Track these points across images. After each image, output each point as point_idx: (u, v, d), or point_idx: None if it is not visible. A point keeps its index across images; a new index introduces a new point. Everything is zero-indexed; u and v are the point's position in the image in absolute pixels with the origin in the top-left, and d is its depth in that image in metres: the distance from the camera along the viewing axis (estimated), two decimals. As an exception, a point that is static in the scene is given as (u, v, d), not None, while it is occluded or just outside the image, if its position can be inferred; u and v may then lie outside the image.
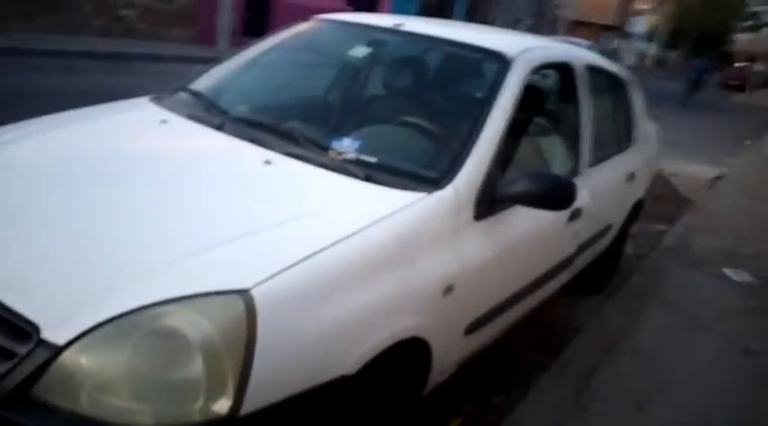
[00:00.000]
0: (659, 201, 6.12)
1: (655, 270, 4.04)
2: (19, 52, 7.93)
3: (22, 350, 1.18)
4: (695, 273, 4.06)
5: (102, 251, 1.37)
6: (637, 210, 3.75)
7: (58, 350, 1.17)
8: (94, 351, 1.19)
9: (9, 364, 1.17)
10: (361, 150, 1.86)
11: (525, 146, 2.35)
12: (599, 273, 3.59)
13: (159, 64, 9.20)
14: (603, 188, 2.87)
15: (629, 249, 4.35)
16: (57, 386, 1.17)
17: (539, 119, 2.55)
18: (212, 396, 1.18)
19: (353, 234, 1.49)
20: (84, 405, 1.16)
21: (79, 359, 1.18)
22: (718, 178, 7.79)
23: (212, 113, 2.11)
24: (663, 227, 5.28)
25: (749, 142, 11.52)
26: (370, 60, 2.62)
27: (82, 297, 1.25)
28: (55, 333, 1.19)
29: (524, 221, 2.07)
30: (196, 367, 1.18)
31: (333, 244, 1.43)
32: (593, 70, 2.94)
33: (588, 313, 3.36)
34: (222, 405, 1.19)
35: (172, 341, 1.20)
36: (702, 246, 4.63)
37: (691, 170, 7.92)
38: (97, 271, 1.31)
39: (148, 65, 9.11)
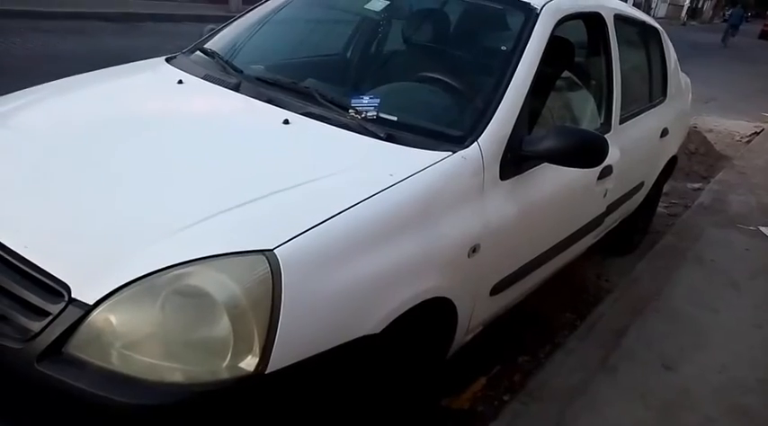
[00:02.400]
0: (694, 158, 5.94)
1: (688, 228, 3.93)
2: (31, 15, 7.96)
3: (54, 309, 1.21)
4: (730, 232, 3.94)
5: (126, 211, 1.38)
6: (670, 168, 3.63)
7: (88, 309, 1.19)
8: (123, 311, 1.21)
9: (43, 322, 1.20)
10: (380, 109, 1.81)
11: (553, 102, 2.27)
12: (630, 232, 3.51)
13: (171, 24, 9.18)
14: (635, 144, 2.77)
15: (661, 207, 4.25)
16: (88, 343, 1.20)
17: (567, 74, 2.45)
18: (239, 354, 1.19)
19: (375, 195, 1.46)
20: (116, 362, 1.19)
21: (109, 318, 1.20)
22: (755, 133, 7.50)
23: (228, 73, 2.07)
24: (697, 185, 5.13)
25: (790, 95, 11.04)
26: (389, 13, 2.53)
27: (109, 257, 1.26)
28: (85, 293, 1.21)
29: (552, 180, 2.01)
30: (223, 325, 1.19)
31: (354, 205, 1.41)
32: (624, 20, 2.80)
33: (619, 273, 3.30)
34: (249, 363, 1.20)
35: (198, 301, 1.21)
36: (738, 204, 4.48)
37: (727, 125, 7.64)
38: (123, 232, 1.32)
39: (161, 25, 9.09)
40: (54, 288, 1.23)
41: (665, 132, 3.23)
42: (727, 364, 2.46)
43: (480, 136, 1.76)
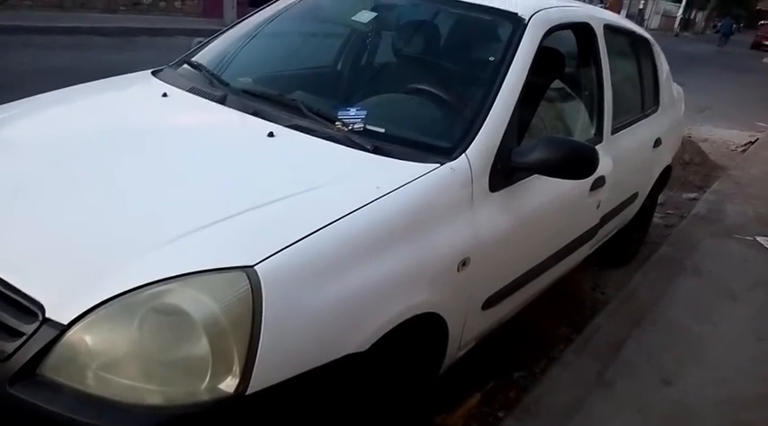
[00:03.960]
0: (689, 168, 5.93)
1: (684, 239, 3.90)
2: (25, 30, 8.00)
3: (28, 329, 1.17)
4: (727, 242, 3.91)
5: (103, 227, 1.35)
6: (664, 178, 3.61)
7: (63, 329, 1.16)
8: (98, 330, 1.17)
9: (16, 343, 1.16)
10: (367, 121, 1.79)
11: (543, 113, 2.25)
12: (626, 243, 3.48)
13: (165, 38, 9.23)
14: (628, 155, 2.75)
15: (657, 218, 4.23)
16: (63, 364, 1.16)
17: (557, 84, 2.44)
18: (219, 375, 1.16)
19: (360, 208, 1.43)
20: (92, 384, 1.15)
21: (84, 338, 1.16)
22: (750, 143, 7.50)
23: (214, 86, 2.05)
24: (693, 195, 5.11)
25: (784, 105, 11.07)
26: (376, 25, 2.51)
27: (85, 275, 1.23)
28: (59, 312, 1.17)
29: (543, 191, 1.98)
30: (201, 345, 1.15)
31: (339, 219, 1.37)
32: (614, 30, 2.79)
33: (615, 284, 3.27)
34: (229, 384, 1.16)
35: (175, 320, 1.18)
36: (734, 214, 4.46)
37: (721, 134, 7.65)
38: (99, 249, 1.29)
39: (155, 39, 9.13)
40: (28, 308, 1.19)
41: (658, 142, 3.21)
42: (728, 377, 2.41)
43: (468, 147, 1.73)
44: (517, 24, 2.06)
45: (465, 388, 2.23)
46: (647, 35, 3.37)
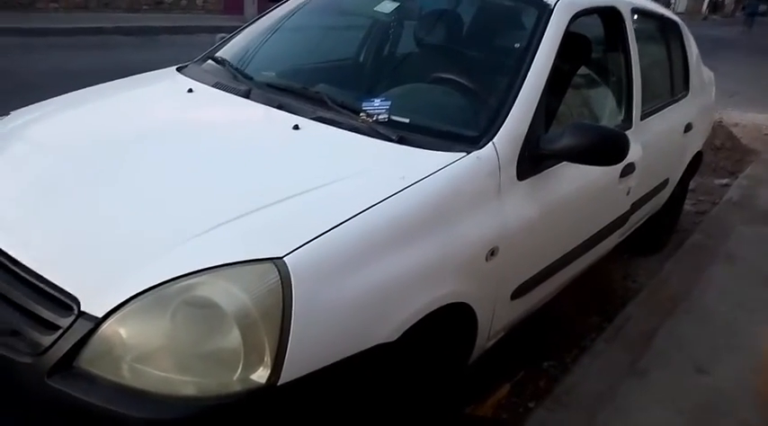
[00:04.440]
0: (720, 153, 5.79)
1: (717, 226, 3.81)
2: (52, 32, 8.18)
3: (64, 322, 1.20)
4: (761, 228, 3.81)
5: (134, 222, 1.37)
6: (696, 163, 3.53)
7: (98, 322, 1.18)
8: (132, 323, 1.19)
9: (53, 336, 1.19)
10: (392, 111, 1.78)
11: (571, 99, 2.21)
12: (657, 231, 3.42)
13: (188, 35, 9.32)
14: (658, 140, 2.69)
15: (688, 205, 4.14)
16: (99, 357, 1.18)
17: (585, 70, 2.39)
18: (251, 366, 1.17)
19: (387, 198, 1.42)
20: (127, 376, 1.17)
21: (118, 331, 1.18)
22: (783, 126, 7.28)
23: (238, 80, 2.06)
24: (725, 181, 4.99)
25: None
26: (399, 15, 2.51)
27: (118, 268, 1.25)
28: (94, 306, 1.20)
29: (572, 179, 1.95)
30: (233, 337, 1.16)
31: (366, 210, 1.37)
32: (643, 14, 2.73)
33: (646, 273, 3.21)
34: (261, 375, 1.17)
35: (207, 312, 1.19)
36: (768, 200, 4.34)
37: (753, 118, 7.43)
38: (131, 243, 1.31)
39: (177, 37, 9.24)
40: (63, 302, 1.22)
41: (688, 127, 3.14)
42: (765, 365, 2.36)
43: (495, 135, 1.71)
44: (543, 10, 2.02)
45: (495, 378, 2.21)
46: (675, 18, 3.28)
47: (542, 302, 2.20)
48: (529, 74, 1.85)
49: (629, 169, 2.31)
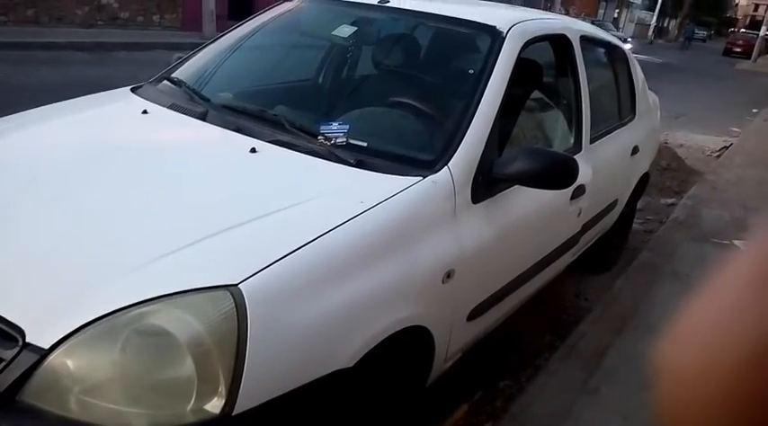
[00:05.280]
0: (666, 173, 6.02)
1: (664, 244, 3.96)
2: (1, 46, 7.87)
3: (7, 354, 1.15)
4: (705, 246, 3.97)
5: (84, 249, 1.33)
6: (643, 184, 3.67)
7: (44, 354, 1.14)
8: (81, 354, 1.16)
9: None
10: (350, 135, 1.79)
11: (523, 124, 2.27)
12: (607, 250, 3.52)
13: (144, 52, 9.15)
14: (607, 163, 2.79)
15: (637, 224, 4.28)
16: (44, 390, 1.14)
17: (536, 95, 2.47)
18: (204, 396, 1.14)
19: (344, 223, 1.43)
20: (74, 409, 1.13)
21: (66, 363, 1.14)
22: (725, 148, 7.65)
23: (195, 102, 2.04)
24: (671, 200, 5.19)
25: (756, 110, 11.32)
26: (357, 40, 2.53)
27: (66, 297, 1.21)
28: (40, 337, 1.15)
29: (525, 202, 2.00)
30: (186, 366, 1.14)
31: (323, 235, 1.37)
32: (591, 41, 2.84)
33: (597, 291, 3.30)
34: (215, 405, 1.15)
35: (159, 341, 1.17)
36: (712, 218, 4.53)
37: (697, 140, 7.78)
38: (80, 271, 1.27)
39: (134, 53, 9.06)
40: (7, 333, 1.17)
41: (635, 150, 3.26)
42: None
43: (450, 159, 1.74)
44: (496, 37, 2.09)
45: (453, 399, 2.23)
46: (621, 44, 3.43)
47: (498, 322, 2.24)
48: (483, 99, 1.89)
49: (579, 191, 2.39)
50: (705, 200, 5.00)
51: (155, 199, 1.51)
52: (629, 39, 23.11)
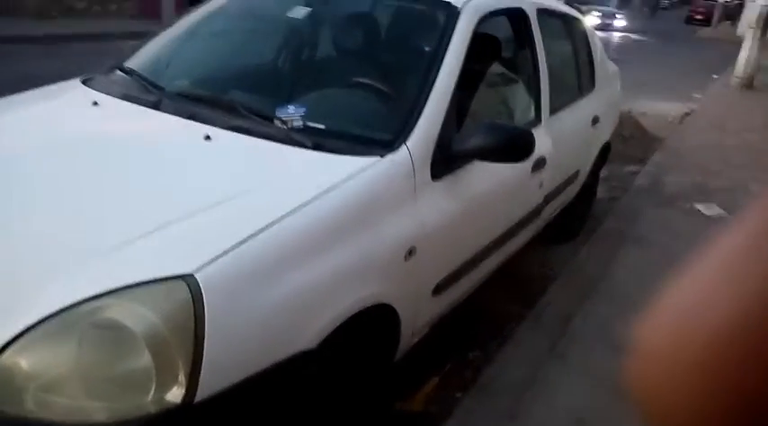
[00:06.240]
0: (629, 142, 6.12)
1: (628, 211, 4.05)
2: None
3: None
4: (668, 211, 4.08)
5: (34, 244, 1.31)
6: (604, 154, 3.73)
7: None
8: (35, 351, 1.15)
9: None
10: (307, 117, 1.78)
11: (482, 99, 2.29)
12: (571, 220, 3.59)
13: (102, 42, 8.85)
14: (567, 134, 2.83)
15: (601, 192, 4.35)
16: None
17: (494, 70, 2.48)
18: (164, 386, 1.15)
19: (302, 206, 1.43)
20: (31, 407, 1.12)
21: (20, 361, 1.13)
22: (687, 114, 7.80)
23: (148, 91, 2.01)
24: (634, 168, 5.28)
25: (716, 76, 11.54)
26: (311, 20, 2.51)
27: (16, 295, 1.20)
28: None
29: (485, 176, 2.02)
30: (144, 358, 1.14)
31: (280, 219, 1.37)
32: (548, 14, 2.86)
33: (562, 260, 3.35)
34: (175, 394, 1.15)
35: (115, 334, 1.16)
36: (674, 184, 4.64)
37: (659, 107, 7.91)
38: (31, 267, 1.25)
39: (90, 44, 8.75)
40: None
41: (596, 120, 3.31)
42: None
43: (408, 138, 1.75)
44: (450, 12, 2.09)
45: (423, 373, 2.27)
46: (579, 16, 3.45)
47: (464, 295, 2.27)
48: (439, 76, 1.90)
49: (540, 163, 2.42)
50: (668, 167, 5.11)
51: (107, 191, 1.49)
52: (618, 16, 23.40)
